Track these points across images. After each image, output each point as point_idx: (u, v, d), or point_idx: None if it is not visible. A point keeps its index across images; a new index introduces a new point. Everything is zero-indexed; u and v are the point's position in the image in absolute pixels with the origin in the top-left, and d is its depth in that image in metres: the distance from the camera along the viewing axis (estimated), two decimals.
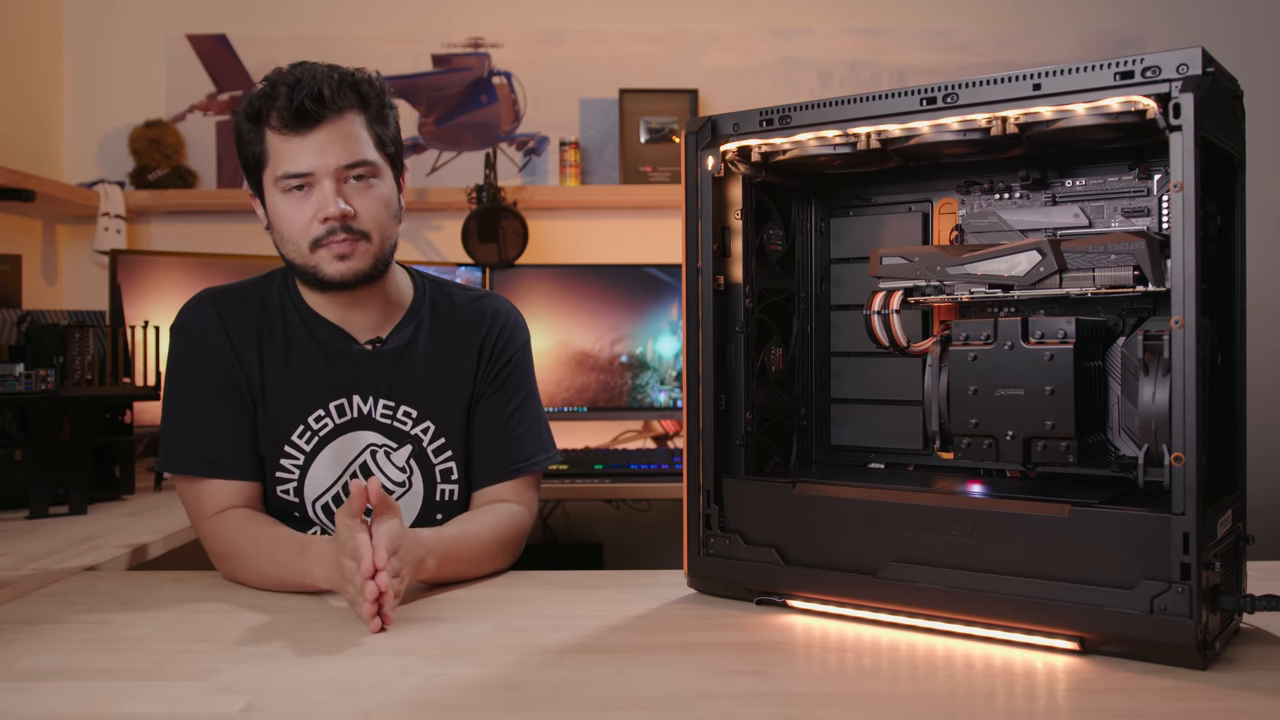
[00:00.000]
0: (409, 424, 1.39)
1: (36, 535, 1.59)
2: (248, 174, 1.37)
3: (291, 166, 1.29)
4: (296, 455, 1.36)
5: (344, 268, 1.31)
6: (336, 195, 1.29)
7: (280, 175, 1.30)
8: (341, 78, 1.30)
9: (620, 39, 2.89)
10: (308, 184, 1.30)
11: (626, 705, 0.84)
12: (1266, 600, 0.93)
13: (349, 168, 1.30)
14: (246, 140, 1.33)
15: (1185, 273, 0.88)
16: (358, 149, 1.30)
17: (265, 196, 1.35)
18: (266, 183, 1.33)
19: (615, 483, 2.29)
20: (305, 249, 1.32)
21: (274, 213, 1.33)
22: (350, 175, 1.30)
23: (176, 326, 1.38)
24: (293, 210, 1.31)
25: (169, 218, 2.85)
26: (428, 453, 1.40)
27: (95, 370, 1.94)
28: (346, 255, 1.31)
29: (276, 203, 1.32)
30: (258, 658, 0.95)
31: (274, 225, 1.35)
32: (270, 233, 1.37)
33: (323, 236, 1.30)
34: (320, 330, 1.39)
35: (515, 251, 2.65)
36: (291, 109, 1.27)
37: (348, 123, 1.30)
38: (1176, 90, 0.90)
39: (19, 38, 2.68)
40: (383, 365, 1.39)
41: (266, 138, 1.30)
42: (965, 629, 0.99)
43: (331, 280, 1.32)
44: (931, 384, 1.11)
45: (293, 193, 1.30)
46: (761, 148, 1.15)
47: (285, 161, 1.29)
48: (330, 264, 1.31)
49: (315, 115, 1.27)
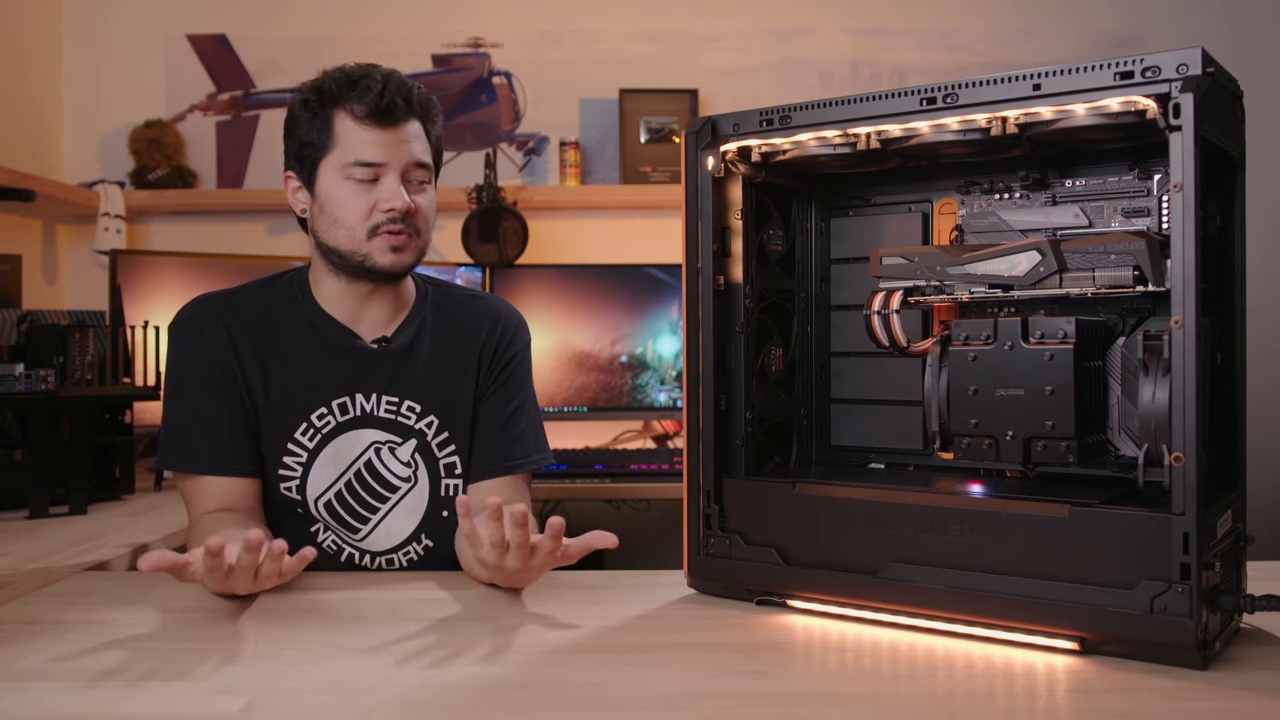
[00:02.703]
0: (413, 419, 1.41)
1: (36, 535, 1.59)
2: (297, 158, 1.38)
3: (368, 156, 1.33)
4: (299, 453, 1.36)
5: (395, 259, 1.35)
6: (401, 188, 1.34)
7: (353, 161, 1.33)
8: (417, 90, 1.38)
9: (620, 39, 2.89)
10: (377, 174, 1.34)
11: (626, 705, 0.84)
12: (1266, 600, 0.93)
13: (416, 166, 1.36)
14: (306, 125, 1.35)
15: (1185, 273, 0.88)
16: (423, 152, 1.38)
17: (318, 182, 1.36)
18: (326, 168, 1.35)
19: (615, 483, 2.29)
20: (362, 235, 1.34)
21: (330, 198, 1.35)
22: (413, 177, 1.36)
23: (175, 325, 1.39)
24: (355, 198, 1.34)
25: (169, 218, 2.85)
26: (432, 447, 1.42)
27: (95, 370, 1.94)
28: (400, 247, 1.35)
29: (336, 189, 1.34)
30: (258, 658, 0.95)
31: (325, 210, 1.36)
32: (310, 218, 1.39)
33: (382, 224, 1.34)
34: (326, 328, 1.40)
35: (515, 251, 2.65)
36: (382, 104, 1.32)
37: (416, 128, 1.37)
38: (1176, 90, 0.90)
39: (19, 38, 2.68)
40: (387, 362, 1.41)
41: (337, 124, 1.34)
42: (965, 629, 0.99)
43: (382, 269, 1.36)
44: (931, 384, 1.11)
45: (357, 181, 1.34)
46: (761, 148, 1.15)
47: (361, 149, 1.33)
48: (384, 254, 1.35)
49: (400, 113, 1.34)
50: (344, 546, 1.39)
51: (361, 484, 1.38)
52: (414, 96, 1.36)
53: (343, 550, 1.39)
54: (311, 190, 1.37)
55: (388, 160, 1.33)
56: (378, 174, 1.33)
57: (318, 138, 1.35)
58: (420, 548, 1.42)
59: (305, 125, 1.36)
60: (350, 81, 1.34)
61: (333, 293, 1.41)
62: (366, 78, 1.34)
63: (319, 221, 1.37)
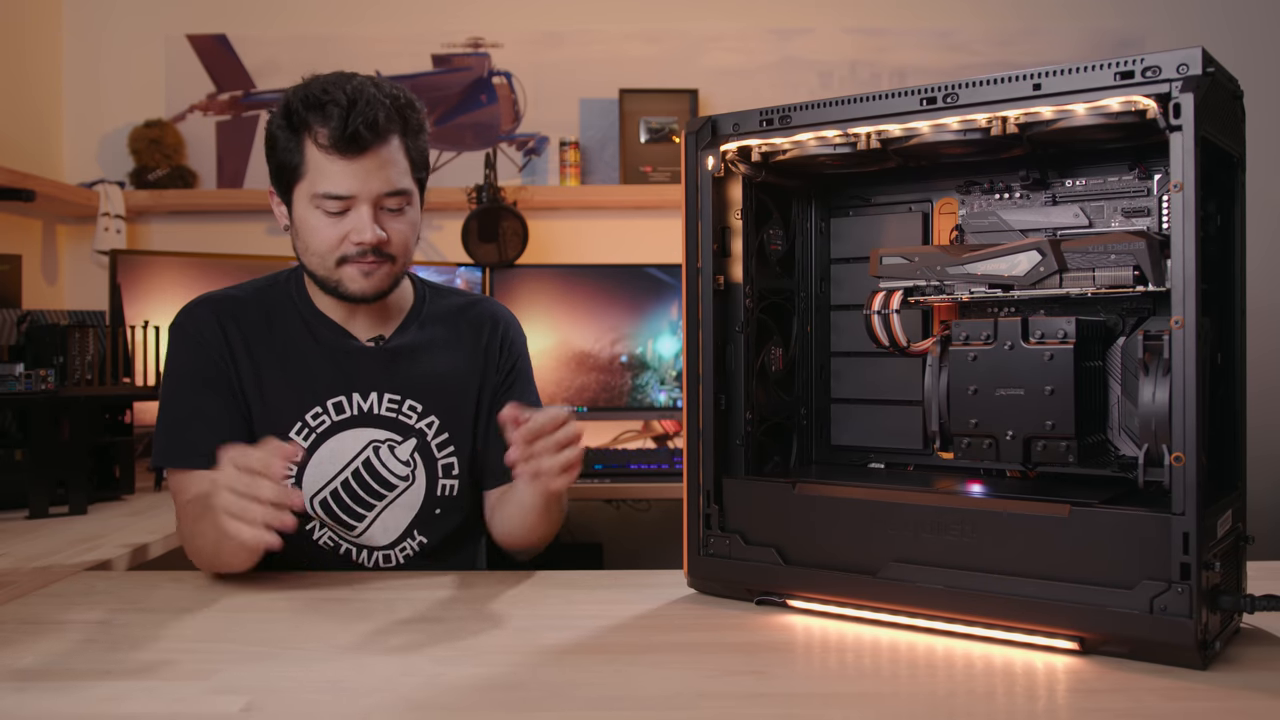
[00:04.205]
0: (414, 418, 1.41)
1: (36, 535, 1.59)
2: (276, 177, 1.36)
3: (334, 188, 1.29)
4: None
5: (367, 285, 1.34)
6: (373, 221, 1.30)
7: (320, 194, 1.29)
8: (393, 102, 1.30)
9: (620, 39, 2.89)
10: (346, 206, 1.30)
11: (626, 705, 0.84)
12: (1266, 600, 0.93)
13: (388, 195, 1.31)
14: (282, 147, 1.32)
15: (1185, 273, 0.88)
16: (398, 177, 1.32)
17: (293, 206, 1.35)
18: (299, 194, 1.32)
19: (615, 483, 2.29)
20: (331, 264, 1.33)
21: (303, 225, 1.34)
22: (387, 204, 1.32)
23: (172, 327, 1.40)
24: (325, 227, 1.31)
25: (169, 218, 2.85)
26: (431, 447, 1.42)
27: (95, 370, 1.94)
28: (371, 273, 1.33)
29: (308, 216, 1.32)
30: (258, 658, 0.95)
31: (300, 234, 1.35)
32: (290, 235, 1.38)
33: (351, 255, 1.32)
34: (321, 329, 1.41)
35: (515, 251, 2.65)
36: (345, 133, 1.26)
37: (392, 149, 1.31)
38: (1176, 90, 0.90)
39: (19, 38, 2.68)
40: (386, 362, 1.42)
41: (306, 151, 1.29)
42: (965, 629, 0.99)
43: (353, 295, 1.35)
44: (931, 384, 1.11)
45: (327, 213, 1.31)
46: (761, 148, 1.14)
47: (327, 181, 1.29)
48: (354, 281, 1.34)
49: (366, 142, 1.27)
50: (340, 542, 1.39)
51: (359, 482, 1.38)
52: (381, 117, 1.27)
53: (340, 545, 1.39)
54: (289, 209, 1.36)
55: (355, 193, 1.29)
56: (346, 205, 1.30)
57: (291, 160, 1.31)
58: (415, 544, 1.42)
59: (280, 146, 1.32)
60: (316, 104, 1.27)
61: (326, 301, 1.42)
62: (331, 102, 1.26)
63: (296, 243, 1.37)
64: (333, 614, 1.11)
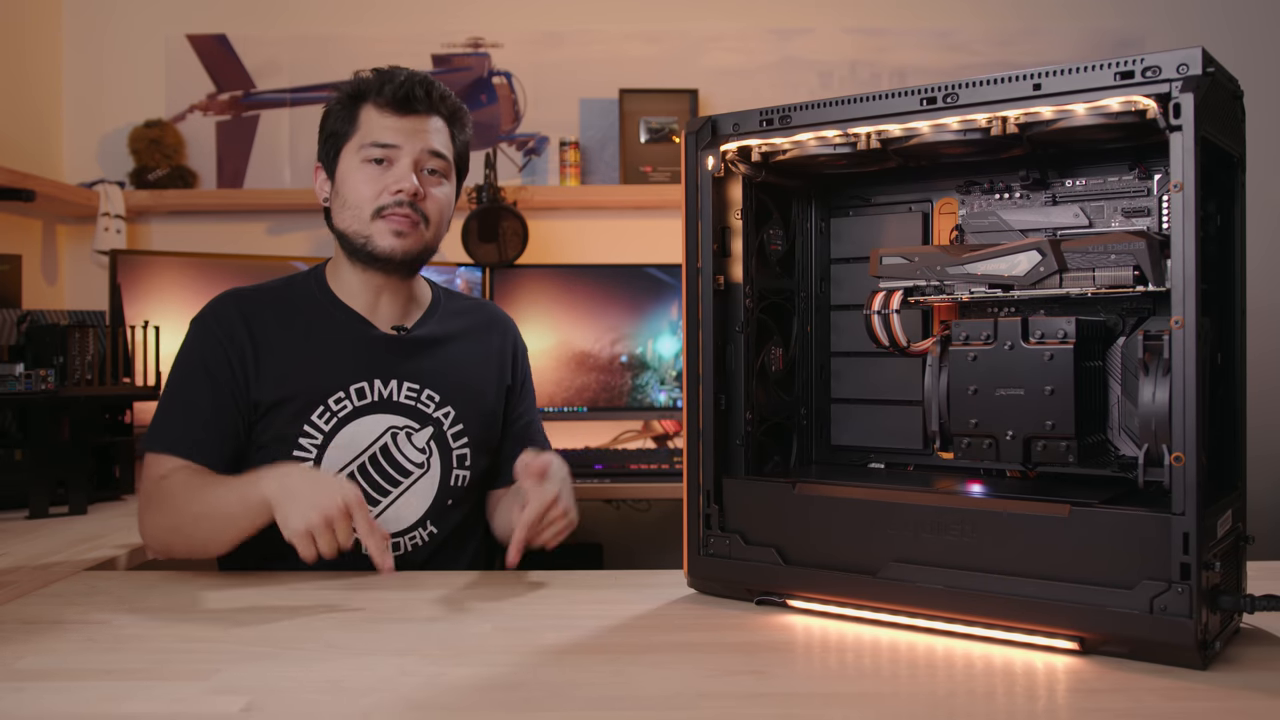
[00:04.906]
0: (431, 407, 1.45)
1: (36, 535, 1.59)
2: (325, 148, 1.44)
3: (384, 137, 1.39)
4: (315, 435, 1.39)
5: (397, 244, 1.40)
6: (413, 174, 1.39)
7: (367, 143, 1.39)
8: (447, 94, 1.45)
9: (620, 39, 2.89)
10: (389, 159, 1.39)
11: (626, 705, 0.84)
12: (1266, 600, 0.93)
13: (430, 155, 1.40)
14: (336, 116, 1.44)
15: (1185, 273, 0.88)
16: (441, 142, 1.43)
17: (338, 167, 1.42)
18: (346, 153, 1.41)
19: (615, 483, 2.29)
20: (367, 216, 1.39)
21: (345, 181, 1.41)
22: (427, 166, 1.41)
23: (195, 318, 1.44)
24: (367, 180, 1.39)
25: (169, 218, 2.85)
26: (447, 436, 1.46)
27: (95, 370, 1.93)
28: (403, 233, 1.40)
29: (352, 171, 1.40)
30: (258, 658, 0.95)
31: (340, 193, 1.42)
32: (329, 205, 1.45)
33: (388, 206, 1.39)
34: (343, 316, 1.46)
35: (515, 251, 2.65)
36: (401, 91, 1.39)
37: (439, 123, 1.44)
38: (1176, 90, 0.90)
39: (19, 38, 2.68)
40: (408, 350, 1.46)
41: (361, 115, 1.41)
42: (965, 629, 0.99)
43: (381, 253, 1.40)
44: (931, 384, 1.11)
45: (371, 165, 1.39)
46: (761, 148, 1.14)
47: (377, 132, 1.40)
48: (384, 237, 1.39)
49: (419, 104, 1.40)
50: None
51: (376, 467, 1.41)
52: (436, 93, 1.42)
53: None
54: (333, 176, 1.43)
55: (401, 144, 1.39)
56: (391, 156, 1.39)
57: (343, 127, 1.41)
58: (425, 533, 1.43)
59: (335, 118, 1.43)
60: (380, 76, 1.42)
61: (351, 286, 1.46)
62: (394, 71, 1.42)
63: (334, 206, 1.43)
64: (333, 614, 1.11)
